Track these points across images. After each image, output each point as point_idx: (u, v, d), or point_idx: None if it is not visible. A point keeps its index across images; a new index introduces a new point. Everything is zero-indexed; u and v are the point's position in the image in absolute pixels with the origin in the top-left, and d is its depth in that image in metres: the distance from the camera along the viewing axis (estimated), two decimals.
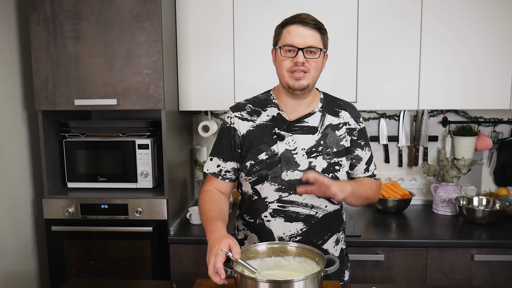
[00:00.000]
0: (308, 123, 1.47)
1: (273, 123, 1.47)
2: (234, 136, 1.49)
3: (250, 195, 1.51)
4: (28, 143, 2.21)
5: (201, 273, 2.08)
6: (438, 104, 2.23)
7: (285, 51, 1.39)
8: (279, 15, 2.16)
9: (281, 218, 1.46)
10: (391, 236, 2.08)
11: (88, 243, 2.18)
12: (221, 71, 2.25)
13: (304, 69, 1.38)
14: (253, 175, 1.46)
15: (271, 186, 1.44)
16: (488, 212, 2.18)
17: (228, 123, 1.52)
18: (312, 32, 1.37)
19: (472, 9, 2.15)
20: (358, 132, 1.52)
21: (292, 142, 1.45)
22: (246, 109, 1.51)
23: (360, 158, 1.53)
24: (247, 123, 1.49)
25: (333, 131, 1.48)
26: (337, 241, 1.54)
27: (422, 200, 2.62)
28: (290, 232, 1.46)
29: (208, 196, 1.50)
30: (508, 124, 2.56)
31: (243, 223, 1.58)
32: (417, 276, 2.03)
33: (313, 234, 1.47)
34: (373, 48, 2.20)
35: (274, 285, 1.16)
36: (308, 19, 1.38)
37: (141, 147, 2.17)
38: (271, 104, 1.50)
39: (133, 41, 1.99)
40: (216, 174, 1.53)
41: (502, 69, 2.17)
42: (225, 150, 1.51)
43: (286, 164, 1.43)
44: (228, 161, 1.51)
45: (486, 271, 2.00)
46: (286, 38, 1.38)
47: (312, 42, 1.37)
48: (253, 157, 1.46)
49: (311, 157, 1.44)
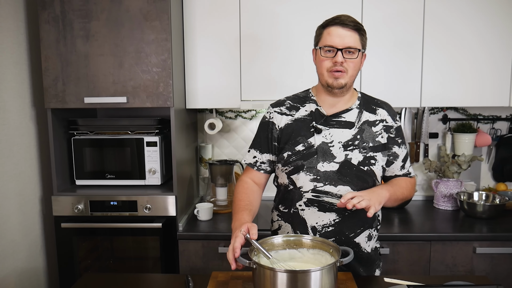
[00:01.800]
0: (345, 118, 1.52)
1: (311, 117, 1.53)
2: (272, 130, 1.57)
3: (285, 185, 1.56)
4: (37, 141, 2.23)
5: (210, 268, 2.12)
6: (439, 102, 2.29)
7: (325, 51, 1.45)
8: (285, 13, 2.23)
9: (315, 208, 1.51)
10: (395, 230, 2.13)
11: (97, 240, 2.21)
12: (228, 69, 2.28)
13: (342, 69, 1.43)
14: (289, 165, 1.51)
15: (306, 176, 1.49)
16: (488, 206, 2.24)
17: (267, 117, 1.59)
18: (351, 33, 1.43)
19: (473, 8, 2.21)
20: (395, 130, 1.57)
21: (329, 135, 1.50)
22: (285, 105, 1.58)
23: (397, 155, 1.57)
24: (286, 117, 1.56)
25: (370, 127, 1.53)
26: (370, 237, 1.57)
27: (423, 195, 2.68)
28: (323, 222, 1.51)
29: (242, 187, 1.58)
30: (506, 121, 2.62)
31: (277, 214, 1.63)
32: (421, 268, 2.08)
33: (346, 226, 1.51)
34: (377, 47, 2.25)
35: (292, 275, 1.19)
36: (348, 21, 1.43)
37: (149, 144, 2.20)
38: (309, 101, 1.56)
39: (142, 40, 2.02)
40: (252, 164, 1.62)
41: (501, 67, 2.24)
42: (262, 142, 1.59)
43: (322, 155, 1.49)
44: (264, 153, 1.59)
45: (488, 263, 2.06)
46: (326, 39, 1.44)
47: (350, 43, 1.43)
48: (290, 148, 1.51)
49: (347, 150, 1.49)
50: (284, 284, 1.18)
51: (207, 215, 2.27)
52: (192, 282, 1.47)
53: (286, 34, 2.24)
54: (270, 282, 1.20)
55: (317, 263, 1.34)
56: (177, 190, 2.13)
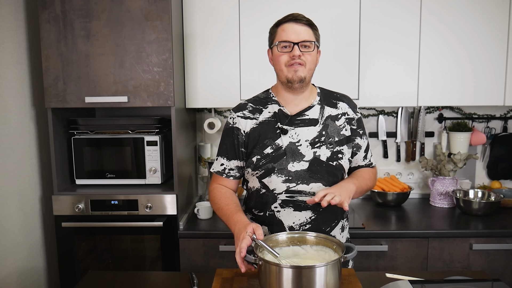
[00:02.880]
0: (308, 116, 1.54)
1: (275, 119, 1.54)
2: (237, 136, 1.56)
3: (257, 189, 1.57)
4: (37, 140, 2.23)
5: (211, 266, 2.13)
6: (436, 101, 2.33)
7: (281, 47, 1.47)
8: (285, 13, 2.24)
9: (290, 208, 1.53)
10: (393, 228, 2.16)
11: (97, 239, 2.21)
12: (227, 69, 2.30)
13: (300, 62, 1.46)
14: (260, 169, 1.52)
15: (278, 178, 1.51)
16: (484, 203, 2.28)
17: (231, 123, 1.58)
18: (305, 28, 1.47)
19: (470, 8, 2.25)
20: (356, 121, 1.60)
21: (295, 134, 1.52)
22: (248, 108, 1.58)
23: (359, 146, 1.61)
24: (250, 121, 1.55)
25: (333, 122, 1.56)
26: (343, 228, 1.62)
27: (419, 193, 2.72)
28: (300, 220, 1.53)
29: (220, 193, 1.58)
30: (500, 120, 2.67)
31: (251, 217, 1.63)
32: (419, 265, 2.12)
33: (322, 221, 1.55)
34: (375, 47, 2.28)
35: (297, 270, 1.22)
36: (300, 17, 1.48)
37: (149, 143, 2.21)
38: (271, 101, 1.57)
39: (143, 40, 2.03)
40: (220, 172, 1.61)
41: (496, 67, 2.28)
42: (229, 149, 1.58)
43: (291, 155, 1.50)
44: (231, 159, 1.58)
45: (484, 259, 2.10)
46: (282, 35, 1.47)
47: (306, 36, 1.46)
48: (258, 152, 1.52)
49: (315, 147, 1.51)
50: (290, 280, 1.20)
51: (207, 213, 2.29)
52: (196, 279, 1.48)
53: None
54: (276, 278, 1.22)
55: (320, 259, 1.36)
56: (177, 189, 2.15)
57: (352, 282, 1.37)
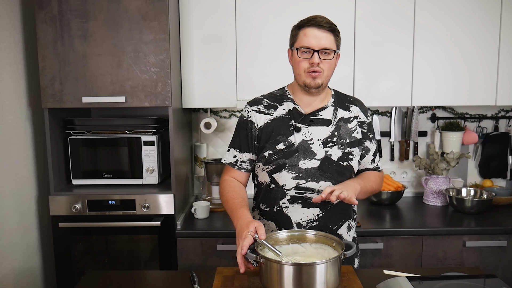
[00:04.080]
0: (322, 116, 1.57)
1: (290, 116, 1.57)
2: (251, 129, 1.58)
3: (267, 184, 1.59)
4: (33, 140, 2.22)
5: (208, 265, 2.15)
6: (429, 101, 2.37)
7: (301, 52, 1.48)
8: (280, 15, 2.27)
9: (299, 204, 1.55)
10: (388, 226, 2.19)
11: (95, 239, 2.21)
12: (224, 69, 2.32)
13: (319, 69, 1.48)
14: (271, 164, 1.55)
15: (288, 174, 1.53)
16: (476, 201, 2.32)
17: (245, 116, 1.61)
18: (326, 35, 1.47)
19: (465, 9, 2.30)
20: (367, 125, 1.64)
21: (308, 133, 1.55)
22: (263, 103, 1.60)
23: (368, 149, 1.64)
24: (264, 116, 1.58)
25: (345, 124, 1.59)
26: (349, 228, 1.64)
27: (413, 192, 2.77)
28: (307, 217, 1.55)
29: (229, 186, 1.60)
30: (491, 120, 2.72)
31: (259, 213, 1.66)
32: (414, 262, 2.15)
33: (329, 219, 1.57)
34: (370, 48, 2.31)
35: (298, 268, 1.24)
36: (323, 22, 1.47)
37: (146, 143, 2.21)
38: (286, 99, 1.60)
39: (141, 40, 2.04)
40: (232, 164, 1.63)
41: (489, 68, 2.32)
42: (242, 141, 1.60)
43: (303, 153, 1.53)
44: (244, 152, 1.61)
45: (477, 256, 2.15)
46: (303, 40, 1.48)
47: (326, 44, 1.47)
48: (271, 147, 1.54)
49: (326, 146, 1.54)
50: (291, 277, 1.22)
51: (204, 213, 2.30)
52: (197, 277, 1.50)
53: (284, 34, 2.28)
54: (277, 275, 1.24)
55: (320, 257, 1.38)
56: (175, 189, 2.16)
57: (351, 279, 1.39)
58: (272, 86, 1.71)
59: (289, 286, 1.22)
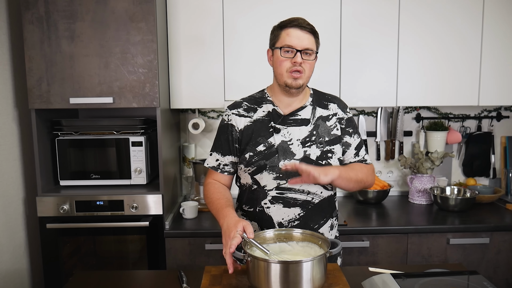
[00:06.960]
0: (301, 116, 1.60)
1: (269, 118, 1.59)
2: (231, 132, 1.61)
3: (249, 185, 1.62)
4: (19, 141, 2.21)
5: (197, 265, 2.16)
6: (414, 101, 2.41)
7: (284, 51, 1.51)
8: (267, 16, 2.30)
9: (280, 204, 1.58)
10: (374, 224, 2.23)
11: (83, 240, 2.21)
12: (212, 70, 2.33)
13: (301, 69, 1.51)
14: (252, 165, 1.57)
15: (269, 175, 1.56)
16: (460, 200, 2.37)
17: (226, 120, 1.64)
18: (308, 36, 1.51)
19: (450, 10, 2.34)
20: (346, 121, 1.65)
21: (287, 134, 1.57)
22: (243, 106, 1.63)
23: (349, 144, 1.66)
24: (244, 119, 1.61)
25: (324, 122, 1.61)
26: (332, 227, 1.67)
27: (398, 191, 2.81)
28: (289, 217, 1.58)
29: (213, 187, 1.62)
30: (475, 120, 2.78)
31: (242, 213, 1.68)
32: (399, 260, 2.19)
33: (310, 218, 1.60)
34: (355, 49, 2.35)
35: (285, 265, 1.26)
36: (305, 24, 1.51)
37: (135, 144, 2.22)
38: (266, 101, 1.63)
39: (128, 41, 2.04)
40: (215, 167, 1.66)
41: (471, 69, 2.37)
42: (223, 145, 1.63)
43: (283, 154, 1.56)
44: (226, 155, 1.63)
45: (460, 253, 2.19)
46: (286, 39, 1.50)
47: (308, 44, 1.50)
48: (251, 149, 1.57)
49: (305, 146, 1.57)
50: (278, 275, 1.25)
51: (192, 213, 2.31)
52: (185, 276, 1.51)
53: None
54: (264, 273, 1.26)
55: (306, 255, 1.40)
56: (163, 189, 2.16)
57: (337, 276, 1.42)
58: (259, 87, 1.73)
59: (276, 284, 1.24)
